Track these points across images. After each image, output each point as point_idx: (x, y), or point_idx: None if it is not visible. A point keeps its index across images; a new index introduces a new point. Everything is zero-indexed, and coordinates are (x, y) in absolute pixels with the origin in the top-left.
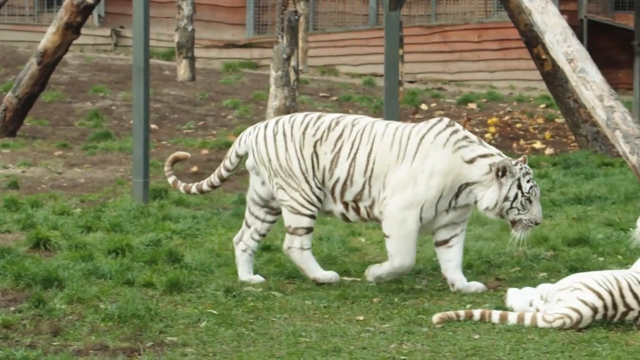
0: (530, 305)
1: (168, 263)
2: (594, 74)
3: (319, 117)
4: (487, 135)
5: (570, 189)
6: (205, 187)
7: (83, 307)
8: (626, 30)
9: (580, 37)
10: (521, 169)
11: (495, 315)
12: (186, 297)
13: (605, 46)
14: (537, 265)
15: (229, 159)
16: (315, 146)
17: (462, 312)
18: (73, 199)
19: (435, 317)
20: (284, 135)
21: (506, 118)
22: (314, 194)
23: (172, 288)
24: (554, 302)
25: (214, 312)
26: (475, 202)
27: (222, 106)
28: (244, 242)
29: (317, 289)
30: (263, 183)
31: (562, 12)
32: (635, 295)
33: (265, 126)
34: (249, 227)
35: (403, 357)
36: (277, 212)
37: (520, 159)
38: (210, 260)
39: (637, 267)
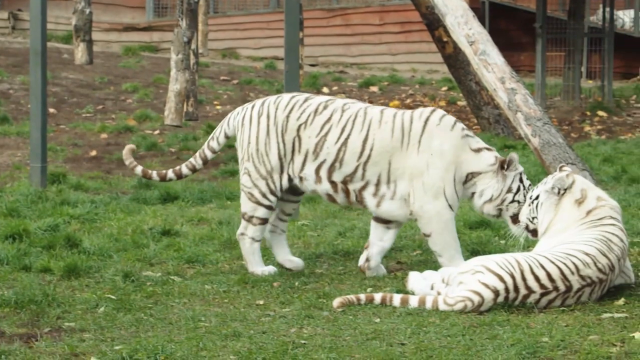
0: (432, 288)
1: (66, 248)
2: (496, 57)
3: (305, 100)
4: None
5: None
6: (185, 170)
7: None
8: (528, 13)
9: (481, 20)
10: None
11: (397, 298)
12: (84, 283)
13: (507, 28)
14: None
15: (217, 140)
16: (298, 130)
17: (362, 296)
18: None
19: (336, 301)
20: (268, 117)
21: (408, 101)
22: (281, 182)
23: (69, 273)
24: (455, 285)
25: (113, 297)
26: (473, 195)
27: (121, 90)
28: (271, 223)
29: (217, 274)
30: None
31: None
32: (536, 277)
33: (252, 107)
34: (274, 209)
35: (303, 341)
36: (299, 192)
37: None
38: (108, 245)
39: (539, 249)
